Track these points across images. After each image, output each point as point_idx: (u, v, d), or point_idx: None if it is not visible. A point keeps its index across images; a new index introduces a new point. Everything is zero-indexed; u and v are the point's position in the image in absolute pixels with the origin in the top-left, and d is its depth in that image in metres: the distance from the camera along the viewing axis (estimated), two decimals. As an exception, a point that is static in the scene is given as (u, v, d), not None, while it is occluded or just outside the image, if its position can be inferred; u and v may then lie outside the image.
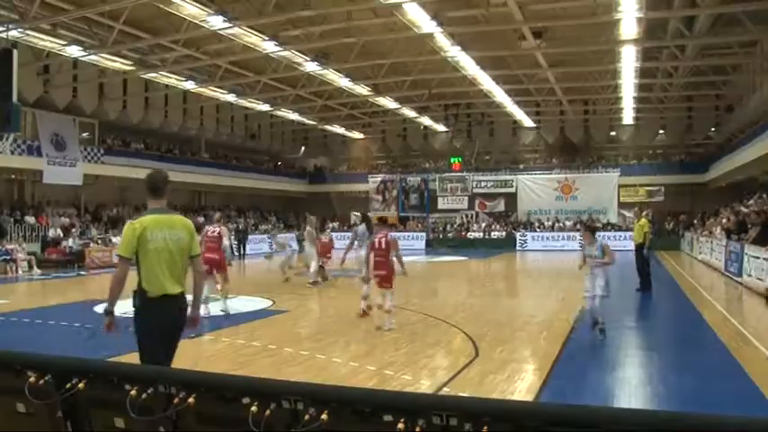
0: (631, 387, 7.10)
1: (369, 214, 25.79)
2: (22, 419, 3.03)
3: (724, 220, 23.02)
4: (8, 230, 23.39)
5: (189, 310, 4.93)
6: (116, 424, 2.83)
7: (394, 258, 10.27)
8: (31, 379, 2.93)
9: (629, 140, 39.56)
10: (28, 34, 19.37)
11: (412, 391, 6.27)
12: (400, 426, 2.26)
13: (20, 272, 21.43)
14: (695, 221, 31.89)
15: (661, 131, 38.93)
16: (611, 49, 23.13)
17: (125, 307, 4.94)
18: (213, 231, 12.21)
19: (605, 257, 9.32)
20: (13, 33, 18.01)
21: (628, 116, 35.45)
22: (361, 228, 13.68)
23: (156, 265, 4.60)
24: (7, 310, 12.87)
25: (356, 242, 13.53)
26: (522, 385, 6.85)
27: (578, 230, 35.35)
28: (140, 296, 4.63)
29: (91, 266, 23.01)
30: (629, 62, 23.74)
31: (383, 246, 10.26)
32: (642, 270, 15.10)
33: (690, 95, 33.01)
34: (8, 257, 21.55)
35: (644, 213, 16.19)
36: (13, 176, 26.02)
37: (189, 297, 4.93)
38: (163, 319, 4.65)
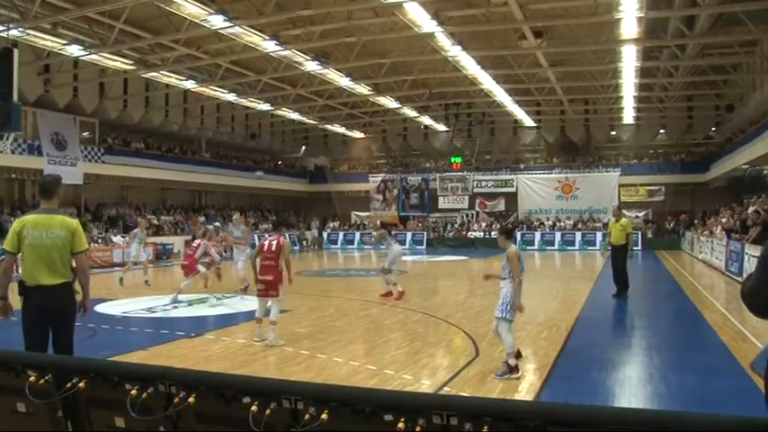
0: (632, 386, 7.09)
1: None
2: (22, 419, 3.04)
3: (723, 220, 23.01)
4: (8, 230, 23.39)
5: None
6: (116, 423, 2.83)
7: (283, 264, 9.08)
8: (32, 378, 2.93)
9: (629, 140, 39.52)
10: (28, 33, 19.36)
11: (412, 391, 6.27)
12: (400, 425, 2.26)
13: (19, 271, 21.43)
14: (696, 221, 31.91)
15: (661, 131, 38.92)
16: (612, 49, 23.14)
17: (129, 306, 5.02)
18: (195, 244, 13.94)
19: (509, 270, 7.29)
20: (14, 33, 18.01)
21: (628, 116, 35.44)
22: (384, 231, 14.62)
23: (29, 259, 5.26)
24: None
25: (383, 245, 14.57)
26: (523, 385, 6.85)
27: (579, 230, 35.54)
28: (20, 285, 5.30)
29: (91, 266, 22.92)
30: (629, 61, 23.72)
31: (273, 248, 9.05)
32: (620, 274, 13.92)
33: (690, 95, 33.00)
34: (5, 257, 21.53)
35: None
36: (13, 176, 26.01)
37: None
38: (37, 307, 5.20)
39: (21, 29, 18.48)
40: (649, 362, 8.28)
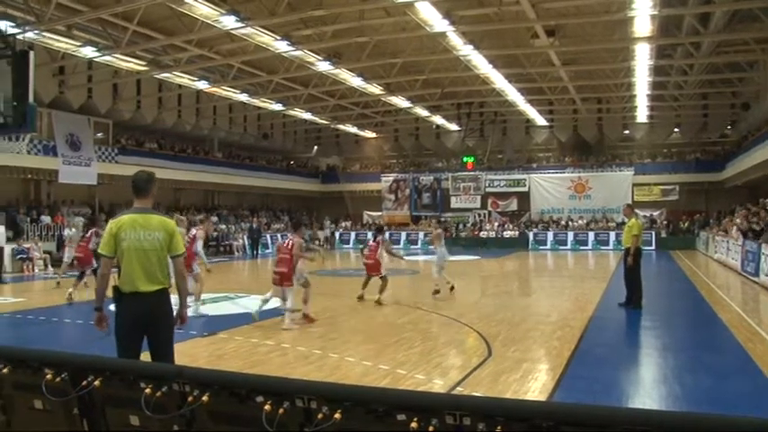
0: (646, 387, 7.05)
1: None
2: (39, 416, 3.07)
3: (738, 221, 22.77)
4: (25, 229, 23.63)
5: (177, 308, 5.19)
6: (131, 421, 2.85)
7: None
8: (48, 376, 2.96)
9: (642, 139, 39.24)
10: (44, 36, 19.54)
11: (425, 391, 6.26)
12: (413, 425, 2.26)
13: (36, 270, 21.65)
14: (711, 221, 31.64)
15: (676, 129, 38.61)
16: (625, 47, 22.98)
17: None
18: (191, 234, 12.41)
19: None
20: (30, 35, 18.17)
21: (642, 114, 35.20)
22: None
23: (128, 263, 4.82)
24: (24, 308, 12.99)
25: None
26: (536, 385, 6.83)
27: (592, 230, 35.45)
28: (116, 291, 4.88)
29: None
30: (642, 60, 23.56)
31: (289, 246, 10.72)
32: (630, 281, 12.57)
33: (705, 93, 32.71)
34: (25, 256, 21.77)
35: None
36: (29, 176, 26.20)
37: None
38: (134, 315, 4.83)
39: (36, 31, 18.65)
40: (663, 362, 8.21)
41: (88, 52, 21.64)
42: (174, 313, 5.15)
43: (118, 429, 2.93)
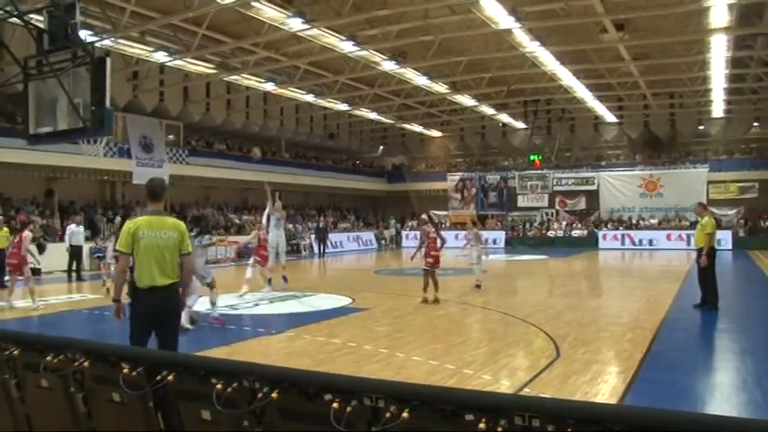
0: (723, 393, 6.78)
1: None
2: (117, 408, 3.19)
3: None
4: (101, 229, 24.62)
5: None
6: (203, 416, 2.92)
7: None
8: (125, 370, 3.07)
9: (719, 134, 37.68)
10: (119, 42, 20.38)
11: (494, 391, 6.20)
12: (482, 425, 2.24)
13: (112, 268, 22.49)
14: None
15: (755, 124, 36.86)
16: (700, 39, 22.14)
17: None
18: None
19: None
20: (106, 42, 18.99)
21: (718, 108, 33.81)
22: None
23: (145, 260, 5.33)
24: (101, 304, 13.53)
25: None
26: (606, 388, 6.66)
27: (663, 229, 34.37)
28: (132, 286, 5.47)
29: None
30: (719, 52, 22.63)
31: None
32: (704, 282, 12.05)
33: (788, 85, 31.14)
34: (102, 255, 22.64)
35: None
36: (105, 178, 27.30)
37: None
38: (151, 307, 5.37)
39: (112, 38, 19.46)
40: (742, 367, 7.87)
41: (160, 57, 22.44)
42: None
43: (191, 423, 3.01)
